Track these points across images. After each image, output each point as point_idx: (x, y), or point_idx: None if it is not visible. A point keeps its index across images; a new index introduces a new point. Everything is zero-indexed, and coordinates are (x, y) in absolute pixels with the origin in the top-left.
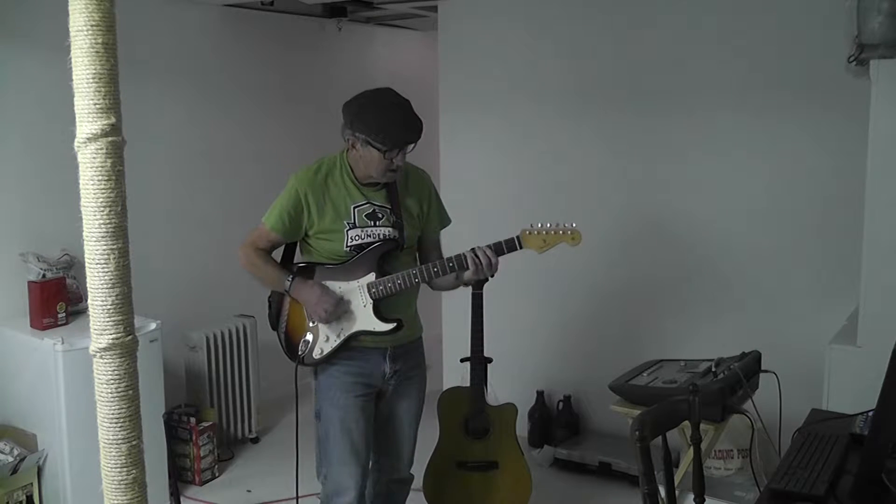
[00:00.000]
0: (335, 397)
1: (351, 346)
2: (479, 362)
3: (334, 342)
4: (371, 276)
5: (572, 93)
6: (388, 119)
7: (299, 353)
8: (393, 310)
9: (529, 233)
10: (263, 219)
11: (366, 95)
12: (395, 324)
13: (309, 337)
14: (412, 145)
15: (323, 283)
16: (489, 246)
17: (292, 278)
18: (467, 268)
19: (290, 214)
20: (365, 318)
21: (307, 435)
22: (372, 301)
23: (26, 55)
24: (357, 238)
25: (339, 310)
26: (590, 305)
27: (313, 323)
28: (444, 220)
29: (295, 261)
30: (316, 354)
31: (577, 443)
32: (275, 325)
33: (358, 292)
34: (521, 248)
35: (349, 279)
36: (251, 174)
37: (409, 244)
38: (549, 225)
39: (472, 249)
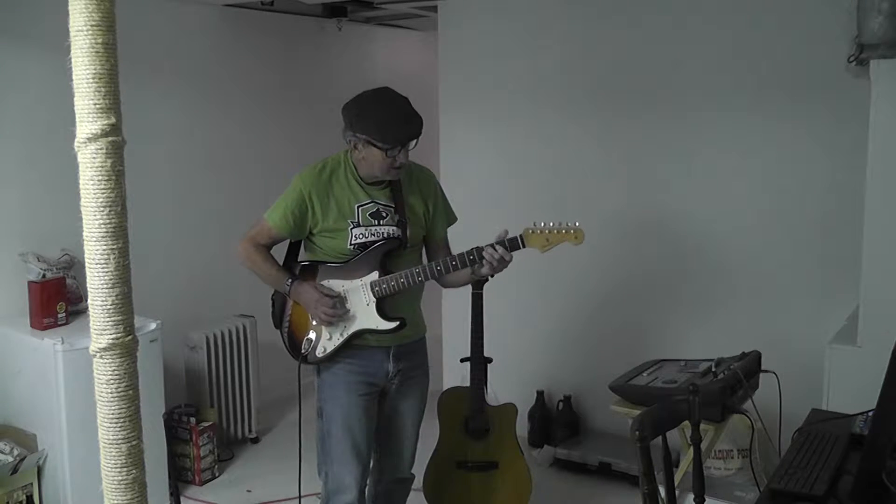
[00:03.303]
0: (338, 396)
1: (354, 345)
2: (479, 362)
3: (337, 340)
4: (374, 275)
5: (572, 92)
6: (388, 117)
7: (302, 351)
8: (396, 308)
9: (532, 232)
10: (266, 215)
11: (364, 96)
12: (398, 322)
13: (312, 335)
14: (414, 141)
15: (326, 281)
16: (500, 244)
17: (291, 281)
18: (476, 265)
19: (295, 214)
20: (368, 317)
21: (308, 434)
22: (375, 299)
23: (26, 55)
24: (361, 236)
25: (337, 311)
26: (590, 305)
27: (316, 322)
28: (451, 218)
29: (299, 259)
30: (319, 353)
31: (577, 443)
32: (278, 323)
33: (361, 290)
34: (523, 247)
35: (353, 277)
36: (251, 174)
37: (412, 243)
38: (551, 224)
39: (488, 246)
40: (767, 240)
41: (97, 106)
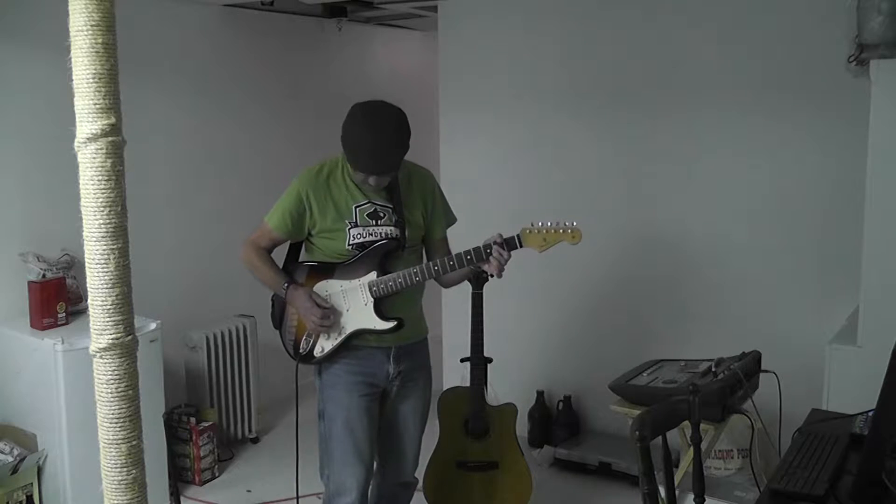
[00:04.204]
0: (339, 397)
1: (354, 346)
2: (479, 362)
3: (335, 340)
4: (372, 275)
5: (572, 92)
6: (362, 147)
7: (301, 351)
8: (394, 309)
9: (529, 231)
10: (266, 217)
11: (357, 111)
12: (395, 322)
13: (311, 336)
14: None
15: (324, 281)
16: (498, 244)
17: (287, 285)
18: (477, 264)
19: (293, 215)
20: (366, 317)
21: (307, 434)
22: (373, 299)
23: (26, 55)
24: (359, 237)
25: (325, 323)
26: (590, 305)
27: (309, 329)
28: (450, 219)
29: (300, 259)
30: (317, 353)
31: (577, 443)
32: (277, 324)
33: (359, 290)
34: (521, 246)
35: (351, 277)
36: (251, 174)
37: (411, 244)
38: (549, 223)
39: (490, 245)
40: (767, 239)
41: (97, 106)
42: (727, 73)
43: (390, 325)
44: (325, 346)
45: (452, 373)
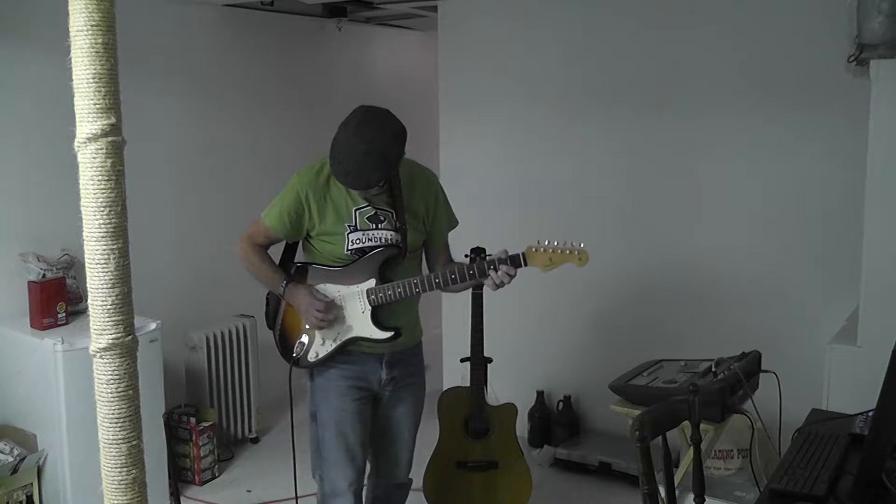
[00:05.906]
0: (330, 401)
1: (347, 351)
2: (479, 362)
3: (330, 346)
4: (371, 283)
5: (572, 93)
6: (341, 158)
7: (294, 354)
8: (392, 317)
9: (535, 250)
10: (263, 214)
11: (353, 117)
12: (392, 332)
13: (304, 339)
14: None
15: (321, 285)
16: (503, 261)
17: (286, 283)
18: (479, 279)
19: (291, 216)
20: (363, 325)
21: (304, 434)
22: (371, 307)
23: (26, 55)
24: (358, 241)
25: (330, 315)
26: (590, 305)
27: (309, 326)
28: (452, 222)
29: (295, 259)
30: (311, 357)
31: (577, 443)
32: (271, 324)
33: (357, 298)
34: (525, 265)
35: (349, 283)
36: (251, 174)
37: (412, 249)
38: (555, 243)
39: (492, 264)
40: (767, 239)
41: (97, 106)
42: (727, 73)
43: (387, 335)
44: (319, 351)
45: (452, 373)
